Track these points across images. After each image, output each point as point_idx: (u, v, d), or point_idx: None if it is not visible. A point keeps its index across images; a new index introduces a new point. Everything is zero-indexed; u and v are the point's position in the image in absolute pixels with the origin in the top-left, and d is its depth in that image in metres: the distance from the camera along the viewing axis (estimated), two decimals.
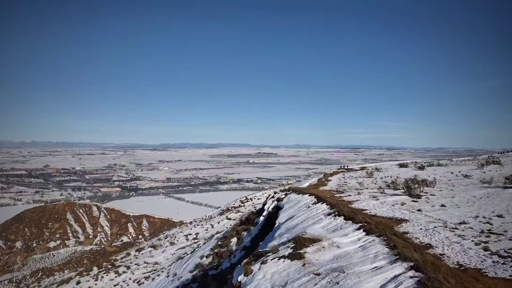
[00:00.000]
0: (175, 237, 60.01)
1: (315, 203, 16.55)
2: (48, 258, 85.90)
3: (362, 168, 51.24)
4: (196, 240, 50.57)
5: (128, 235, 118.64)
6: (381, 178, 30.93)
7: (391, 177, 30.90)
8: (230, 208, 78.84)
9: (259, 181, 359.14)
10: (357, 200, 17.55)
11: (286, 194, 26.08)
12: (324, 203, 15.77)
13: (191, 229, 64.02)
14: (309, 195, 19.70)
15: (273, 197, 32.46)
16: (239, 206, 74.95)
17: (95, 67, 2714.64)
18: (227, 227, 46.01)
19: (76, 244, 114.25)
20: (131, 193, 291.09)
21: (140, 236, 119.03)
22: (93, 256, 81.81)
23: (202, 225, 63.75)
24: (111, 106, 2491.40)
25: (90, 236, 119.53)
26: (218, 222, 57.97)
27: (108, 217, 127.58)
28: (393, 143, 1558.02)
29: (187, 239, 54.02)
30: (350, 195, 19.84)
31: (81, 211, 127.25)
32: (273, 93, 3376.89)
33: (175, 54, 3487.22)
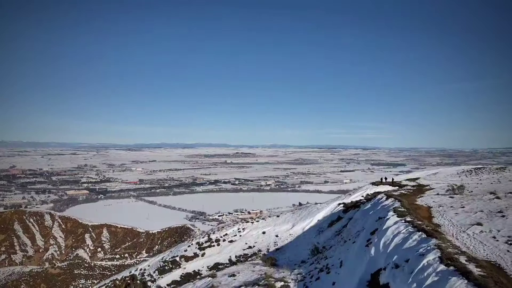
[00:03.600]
0: None
1: None
2: None
3: (420, 185, 40.98)
4: None
5: (85, 248, 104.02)
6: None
7: None
8: None
9: (236, 182, 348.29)
10: None
11: None
12: None
13: None
14: None
15: None
16: None
17: (69, 65, 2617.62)
18: None
19: (23, 259, 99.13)
20: (99, 196, 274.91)
21: (99, 249, 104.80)
22: (33, 280, 67.59)
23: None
24: (85, 105, 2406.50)
25: (41, 250, 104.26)
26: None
27: (63, 227, 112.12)
28: (368, 143, 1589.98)
29: None
30: None
31: (31, 220, 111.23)
32: (251, 93, 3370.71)
33: (148, 52, 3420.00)
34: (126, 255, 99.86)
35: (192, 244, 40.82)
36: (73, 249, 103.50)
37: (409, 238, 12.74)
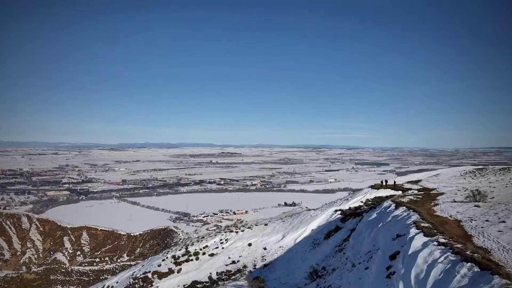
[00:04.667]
0: None
1: None
2: None
3: (425, 189, 38.22)
4: None
5: (64, 251, 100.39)
6: None
7: None
8: None
9: (222, 182, 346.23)
10: None
11: None
12: None
13: None
14: None
15: None
16: None
17: (46, 62, 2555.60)
18: None
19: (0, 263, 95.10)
20: (80, 197, 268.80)
21: (78, 252, 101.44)
22: (7, 285, 64.47)
23: None
24: (67, 104, 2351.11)
25: (18, 253, 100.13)
26: None
27: (41, 229, 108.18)
28: (353, 143, 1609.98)
29: None
30: None
31: (8, 222, 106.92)
32: (237, 93, 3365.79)
33: (131, 51, 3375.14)
34: (107, 258, 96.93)
35: (167, 257, 36.41)
36: (51, 253, 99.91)
37: (454, 272, 9.40)
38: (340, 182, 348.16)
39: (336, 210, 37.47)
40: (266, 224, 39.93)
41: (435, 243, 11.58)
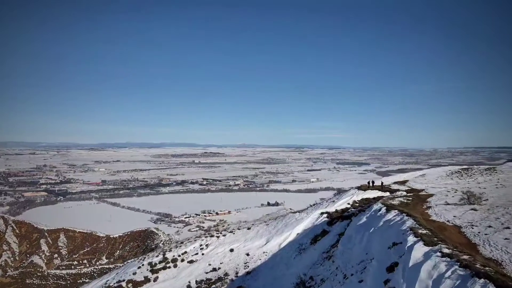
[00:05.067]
0: None
1: None
2: None
3: (414, 190, 37.35)
4: None
5: (41, 254, 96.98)
6: None
7: None
8: None
9: (204, 182, 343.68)
10: None
11: None
12: None
13: None
14: None
15: None
16: None
17: (23, 60, 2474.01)
18: None
19: None
20: (58, 198, 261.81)
21: (56, 255, 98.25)
22: None
23: None
24: (44, 103, 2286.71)
25: None
26: None
27: (17, 231, 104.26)
28: (334, 142, 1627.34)
29: None
30: None
31: None
32: (220, 93, 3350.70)
33: (109, 49, 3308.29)
34: (85, 261, 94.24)
35: (143, 264, 34.29)
36: (28, 256, 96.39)
37: None
38: (322, 182, 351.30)
39: (322, 213, 35.83)
40: (249, 228, 37.94)
41: (439, 253, 10.33)
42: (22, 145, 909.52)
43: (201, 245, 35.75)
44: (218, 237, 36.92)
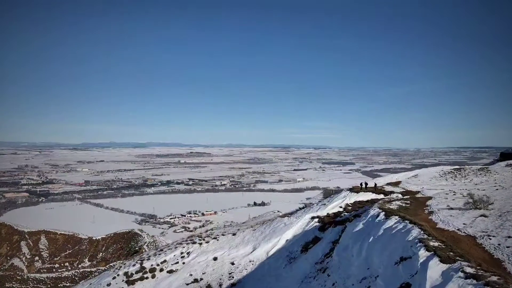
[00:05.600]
0: None
1: None
2: None
3: (409, 192, 36.75)
4: None
5: (21, 256, 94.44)
6: None
7: None
8: None
9: (190, 183, 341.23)
10: None
11: None
12: None
13: None
14: None
15: None
16: None
17: (4, 60, 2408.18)
18: None
19: None
20: (40, 199, 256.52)
21: (37, 258, 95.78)
22: None
23: None
24: (27, 102, 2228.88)
25: None
26: None
27: None
28: (320, 142, 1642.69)
29: None
30: None
31: None
32: (206, 92, 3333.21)
33: (96, 48, 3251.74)
34: (67, 264, 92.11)
35: (118, 274, 31.85)
36: (8, 258, 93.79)
37: None
38: (308, 181, 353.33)
39: (313, 217, 33.57)
40: (234, 234, 35.22)
41: (461, 274, 8.53)
42: (3, 145, 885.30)
43: (182, 252, 32.90)
44: (200, 244, 34.14)
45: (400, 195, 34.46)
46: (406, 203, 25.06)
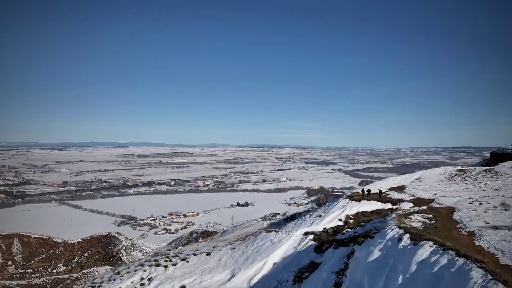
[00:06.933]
0: None
1: None
2: None
3: (421, 200, 32.27)
4: None
5: None
6: None
7: None
8: None
9: (172, 183, 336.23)
10: None
11: None
12: None
13: None
14: None
15: None
16: None
17: None
18: None
19: None
20: (16, 201, 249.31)
21: (10, 262, 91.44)
22: None
23: None
24: (3, 100, 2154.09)
25: None
26: None
27: None
28: (303, 142, 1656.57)
29: None
30: None
31: None
32: (189, 92, 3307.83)
33: (75, 46, 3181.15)
34: (41, 269, 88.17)
35: None
36: None
37: None
38: (292, 181, 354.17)
39: (307, 233, 27.70)
40: (208, 254, 28.80)
41: None
42: None
43: (142, 278, 26.83)
44: (166, 267, 27.78)
45: (411, 204, 29.88)
46: (429, 218, 20.57)
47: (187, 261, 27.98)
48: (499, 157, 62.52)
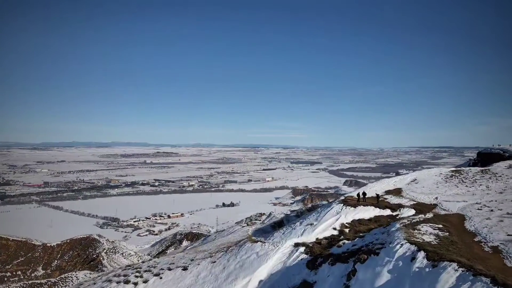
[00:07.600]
0: None
1: None
2: None
3: (422, 206, 30.57)
4: None
5: None
6: None
7: None
8: None
9: (156, 184, 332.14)
10: None
11: None
12: None
13: None
14: None
15: None
16: None
17: None
18: None
19: None
20: None
21: None
22: None
23: None
24: None
25: None
26: None
27: None
28: (289, 142, 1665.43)
29: None
30: None
31: None
32: (174, 91, 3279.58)
33: (59, 45, 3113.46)
34: (19, 272, 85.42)
35: None
36: None
37: None
38: (277, 181, 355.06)
39: (297, 244, 24.53)
40: (185, 269, 25.44)
41: None
42: None
43: None
44: (136, 284, 24.09)
45: (413, 211, 27.58)
46: (440, 228, 18.27)
47: (160, 277, 24.62)
48: (487, 157, 60.67)
